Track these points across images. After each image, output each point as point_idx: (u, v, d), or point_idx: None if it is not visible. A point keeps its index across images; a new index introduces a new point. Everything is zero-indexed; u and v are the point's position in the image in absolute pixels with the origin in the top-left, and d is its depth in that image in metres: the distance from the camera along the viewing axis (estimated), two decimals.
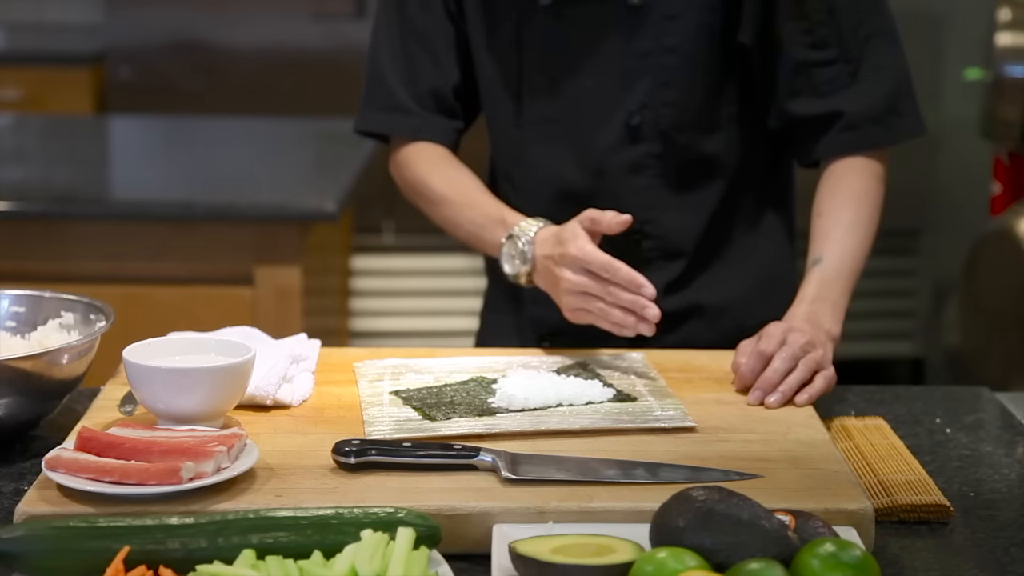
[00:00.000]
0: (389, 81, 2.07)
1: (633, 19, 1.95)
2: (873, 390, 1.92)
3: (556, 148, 2.02)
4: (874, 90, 1.96)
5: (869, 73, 1.96)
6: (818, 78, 1.95)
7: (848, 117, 1.95)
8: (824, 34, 1.95)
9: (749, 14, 1.95)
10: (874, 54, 1.96)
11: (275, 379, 1.69)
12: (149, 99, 4.61)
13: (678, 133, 1.99)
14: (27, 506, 1.43)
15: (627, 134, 1.99)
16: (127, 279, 3.07)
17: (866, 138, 1.96)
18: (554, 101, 2.00)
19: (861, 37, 1.96)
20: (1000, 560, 1.44)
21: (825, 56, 1.95)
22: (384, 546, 1.31)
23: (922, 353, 4.81)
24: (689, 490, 1.33)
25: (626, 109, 1.98)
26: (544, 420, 1.64)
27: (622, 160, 2.00)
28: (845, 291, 1.90)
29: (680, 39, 1.95)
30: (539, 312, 2.04)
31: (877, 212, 1.96)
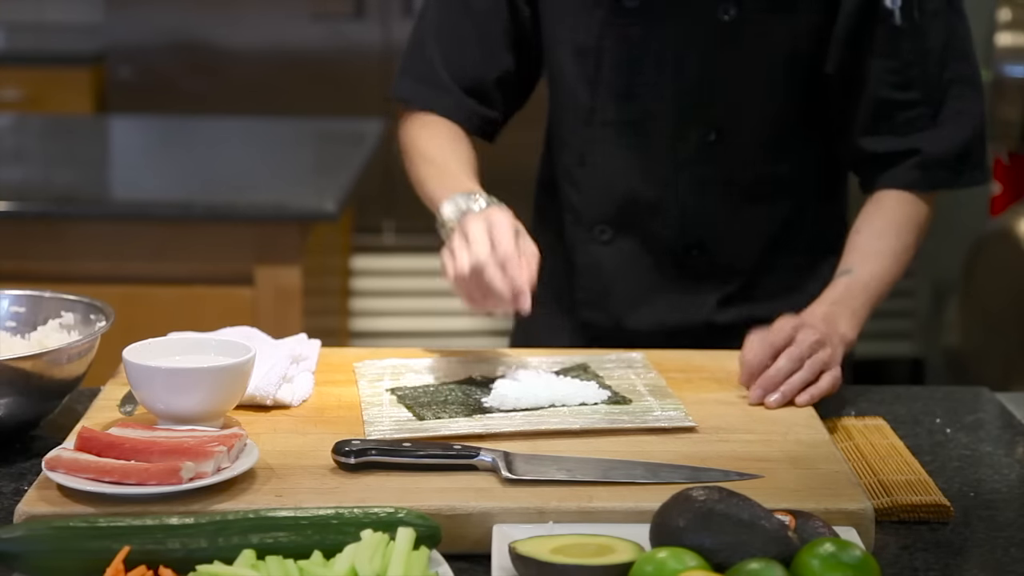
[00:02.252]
0: (431, 55, 2.04)
1: (722, 35, 1.93)
2: (873, 390, 1.92)
3: (626, 152, 1.99)
4: (952, 135, 1.95)
5: (949, 117, 1.94)
6: (899, 118, 1.94)
7: (923, 156, 1.94)
8: (911, 76, 1.93)
9: (836, 45, 1.93)
10: (956, 99, 1.95)
11: (275, 379, 1.69)
12: (149, 99, 4.61)
13: (751, 155, 1.98)
14: (27, 506, 1.43)
15: (701, 150, 1.97)
16: (127, 279, 3.07)
17: (933, 179, 1.96)
18: (631, 105, 1.98)
19: (945, 81, 1.94)
20: (1000, 560, 1.44)
21: (909, 97, 1.94)
22: (384, 546, 1.31)
23: (922, 353, 4.81)
24: (689, 490, 1.33)
25: (703, 125, 1.96)
26: (544, 420, 1.64)
27: (691, 175, 1.98)
28: (868, 303, 1.89)
29: (766, 62, 1.94)
30: (585, 315, 2.04)
31: (912, 248, 1.95)
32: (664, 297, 2.03)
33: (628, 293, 2.03)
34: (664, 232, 2.01)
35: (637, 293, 2.03)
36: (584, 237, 2.05)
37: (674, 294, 2.02)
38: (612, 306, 2.03)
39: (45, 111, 4.54)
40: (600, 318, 2.03)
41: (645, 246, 2.02)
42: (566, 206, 2.07)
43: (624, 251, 2.03)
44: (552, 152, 2.11)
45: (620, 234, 2.02)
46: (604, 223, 2.01)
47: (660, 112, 1.97)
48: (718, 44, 1.93)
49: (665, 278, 2.03)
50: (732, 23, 1.92)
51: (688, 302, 2.00)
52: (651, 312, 2.02)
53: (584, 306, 2.05)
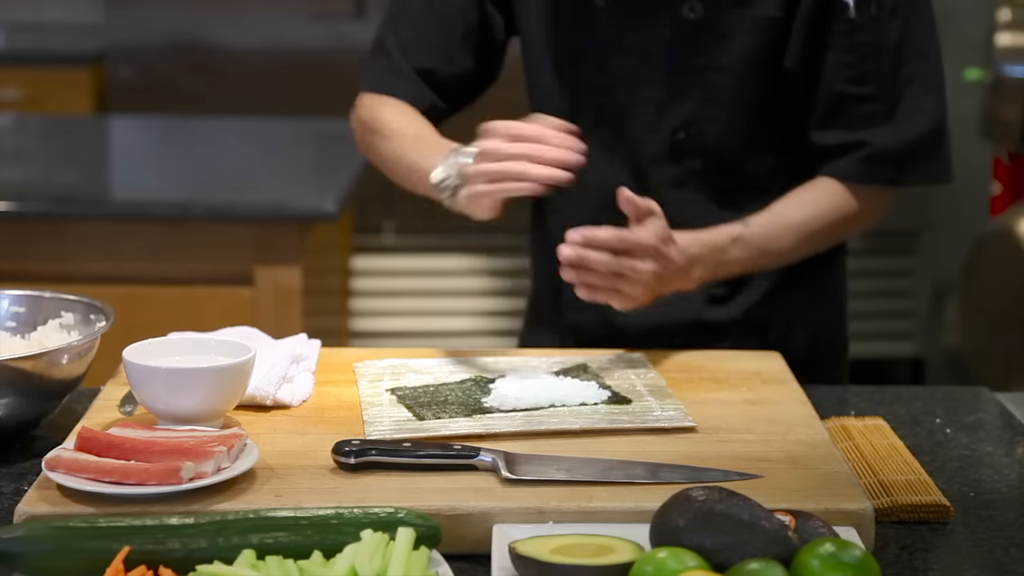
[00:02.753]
0: (393, 47, 2.07)
1: (688, 34, 1.93)
2: (873, 390, 1.92)
3: (606, 153, 2.00)
4: (902, 132, 1.94)
5: (904, 115, 1.94)
6: (853, 112, 1.94)
7: (868, 150, 1.93)
8: (867, 70, 1.93)
9: (796, 38, 1.93)
10: (913, 97, 1.95)
11: (275, 379, 1.69)
12: (149, 99, 4.61)
13: (722, 152, 1.98)
14: (27, 506, 1.43)
15: (671, 148, 1.98)
16: (127, 279, 3.07)
17: (874, 174, 1.95)
18: (604, 106, 1.99)
19: (903, 78, 1.94)
20: (1000, 560, 1.44)
21: (863, 92, 1.93)
22: (384, 546, 1.31)
23: (922, 353, 4.81)
24: (689, 490, 1.33)
25: (673, 123, 1.97)
26: (544, 420, 1.64)
27: (666, 173, 1.99)
28: (742, 262, 1.90)
29: (733, 59, 1.94)
30: (576, 318, 2.04)
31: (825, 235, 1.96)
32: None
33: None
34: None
35: None
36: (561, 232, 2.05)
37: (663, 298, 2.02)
38: (601, 307, 2.03)
39: (45, 111, 4.53)
40: (589, 319, 2.03)
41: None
42: (552, 207, 2.09)
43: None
44: None
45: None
46: (588, 223, 2.01)
47: (632, 111, 1.99)
48: (685, 42, 1.94)
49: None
50: (698, 21, 1.93)
51: (675, 300, 2.00)
52: (639, 313, 2.02)
53: (573, 307, 2.05)
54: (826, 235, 1.98)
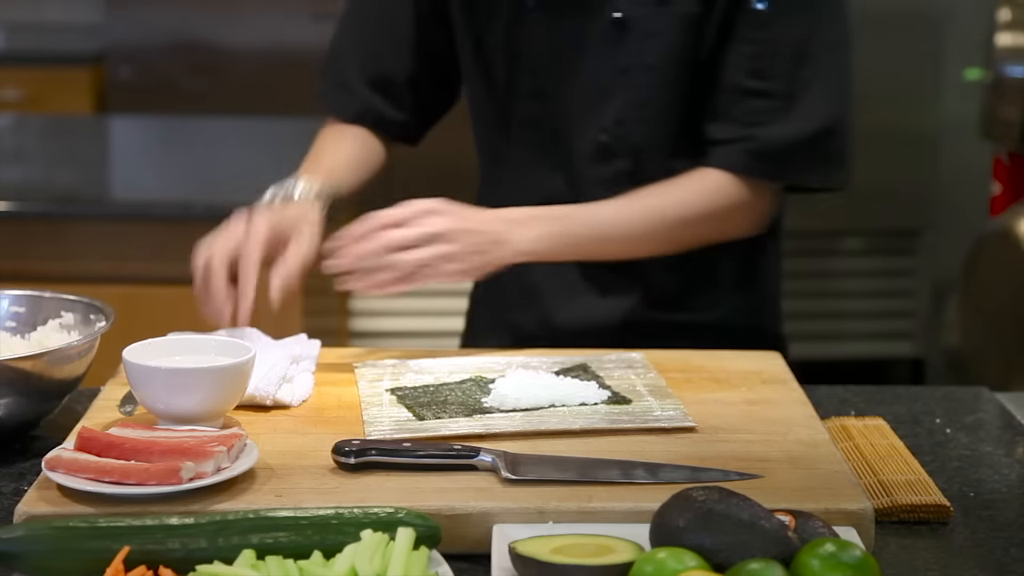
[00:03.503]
0: (345, 57, 2.11)
1: (615, 34, 1.94)
2: (873, 390, 1.92)
3: (537, 153, 2.02)
4: (790, 130, 1.91)
5: (798, 116, 1.91)
6: (747, 107, 1.92)
7: (755, 142, 1.91)
8: (767, 65, 1.91)
9: (710, 32, 1.92)
10: (810, 97, 1.91)
11: (275, 379, 1.69)
12: (149, 99, 4.61)
13: (650, 152, 1.98)
14: (27, 506, 1.43)
15: (601, 149, 1.98)
16: (127, 279, 3.07)
17: (762, 168, 1.92)
18: (540, 107, 2.00)
19: (803, 78, 1.91)
20: (1000, 560, 1.44)
21: (761, 87, 1.91)
22: (384, 546, 1.31)
23: (922, 353, 4.81)
24: (689, 490, 1.33)
25: (602, 124, 1.97)
26: (544, 420, 1.64)
27: (596, 174, 1.99)
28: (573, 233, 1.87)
29: (659, 58, 1.94)
30: (515, 317, 2.05)
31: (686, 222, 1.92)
32: (587, 296, 2.02)
33: (553, 293, 2.03)
34: None
35: (562, 292, 2.03)
36: None
37: (596, 292, 2.02)
38: (538, 306, 2.04)
39: (45, 111, 4.53)
40: (527, 318, 2.04)
41: None
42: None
43: None
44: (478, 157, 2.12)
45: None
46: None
47: (563, 112, 1.99)
48: (610, 42, 1.94)
49: (587, 277, 2.02)
50: (623, 21, 1.93)
51: (610, 300, 2.00)
52: (575, 311, 2.02)
53: (512, 307, 2.06)
54: (698, 225, 1.93)
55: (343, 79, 2.11)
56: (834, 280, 4.75)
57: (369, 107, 2.09)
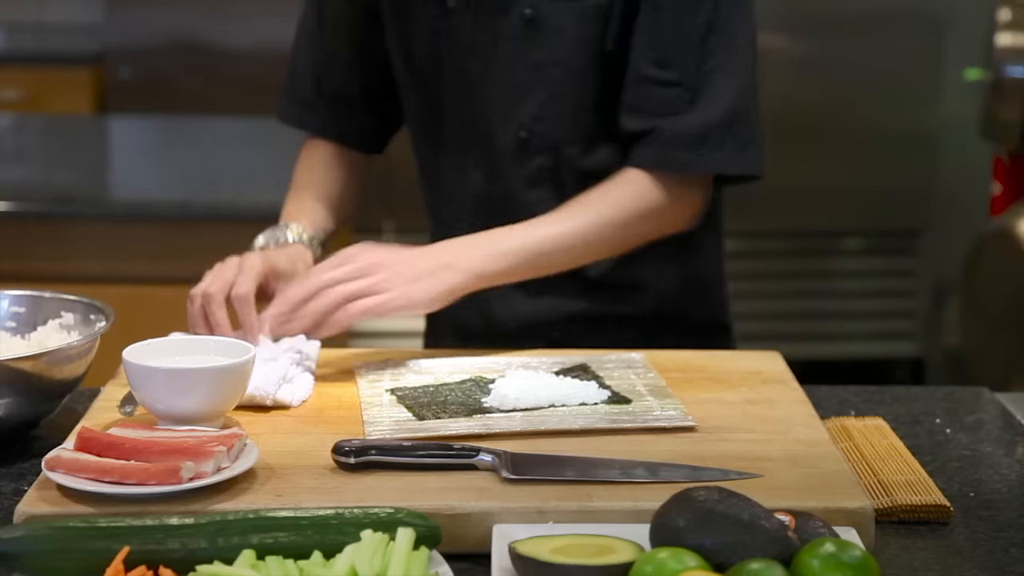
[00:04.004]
0: (301, 74, 2.14)
1: (527, 32, 1.95)
2: (873, 390, 1.92)
3: (465, 152, 2.03)
4: (699, 117, 1.91)
5: (704, 104, 1.91)
6: (655, 97, 1.92)
7: (661, 134, 1.91)
8: (671, 55, 1.91)
9: (614, 21, 1.93)
10: (714, 86, 1.92)
11: (275, 379, 1.69)
12: (149, 99, 4.61)
13: (569, 146, 1.98)
14: (27, 506, 1.43)
15: (519, 147, 1.99)
16: (127, 279, 3.07)
17: (672, 159, 1.92)
18: (466, 107, 2.01)
19: (707, 67, 1.91)
20: (1000, 560, 1.44)
21: (667, 77, 1.92)
22: (384, 546, 1.31)
23: (922, 353, 4.82)
24: (689, 490, 1.33)
25: (519, 121, 1.98)
26: (544, 420, 1.64)
27: (519, 172, 2.00)
28: (518, 247, 1.87)
29: (568, 53, 1.95)
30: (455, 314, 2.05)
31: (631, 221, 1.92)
32: (525, 293, 2.02)
33: (492, 291, 2.03)
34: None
35: (501, 291, 2.03)
36: (446, 236, 2.06)
37: (534, 289, 2.02)
38: (479, 304, 2.04)
39: (45, 111, 4.53)
40: (467, 314, 2.04)
41: None
42: (427, 208, 2.12)
43: None
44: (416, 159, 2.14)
45: (477, 230, 2.03)
46: (464, 222, 2.03)
47: (485, 112, 2.00)
48: (524, 39, 1.95)
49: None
50: (535, 17, 1.94)
51: (549, 296, 2.00)
52: (514, 308, 2.03)
53: (457, 307, 2.06)
54: (634, 226, 1.93)
55: (301, 96, 2.15)
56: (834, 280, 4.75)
57: (329, 121, 2.13)
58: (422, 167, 2.13)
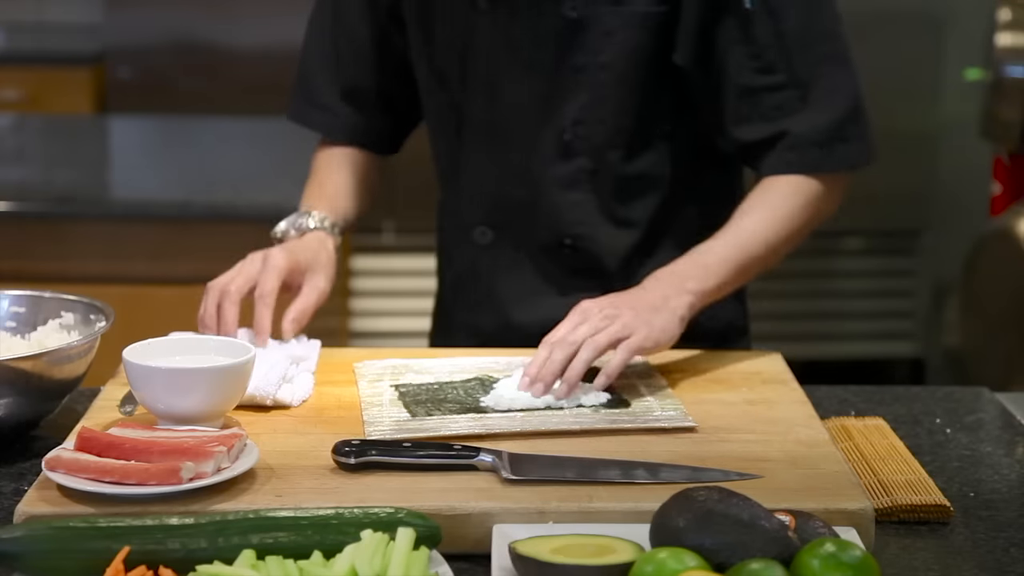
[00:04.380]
0: (314, 74, 2.11)
1: (569, 33, 1.93)
2: (873, 390, 1.92)
3: (495, 156, 2.01)
4: (822, 114, 1.91)
5: (819, 97, 1.91)
6: (766, 104, 1.91)
7: (792, 138, 1.91)
8: (772, 59, 1.90)
9: (685, 36, 1.91)
10: (825, 78, 1.91)
11: (275, 379, 1.69)
12: (149, 99, 4.60)
13: (611, 150, 1.97)
14: (27, 506, 1.43)
15: (560, 148, 1.97)
16: (127, 279, 3.07)
17: (806, 161, 1.91)
18: (494, 109, 1.99)
19: (811, 61, 1.91)
20: (1000, 560, 1.44)
21: (773, 81, 1.91)
22: (384, 546, 1.31)
23: (922, 353, 4.82)
24: (689, 490, 1.33)
25: (560, 124, 1.96)
26: (544, 420, 1.64)
27: (555, 174, 1.98)
28: (727, 262, 1.85)
29: (614, 56, 1.93)
30: (474, 318, 2.05)
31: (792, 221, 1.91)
32: (547, 295, 2.02)
33: (512, 293, 2.03)
34: (540, 231, 2.01)
35: (521, 293, 2.02)
36: (465, 240, 2.05)
37: (555, 292, 2.01)
38: (497, 307, 2.04)
39: (45, 111, 4.53)
40: (487, 319, 2.04)
41: (524, 245, 2.02)
42: (447, 211, 2.10)
43: (504, 252, 2.03)
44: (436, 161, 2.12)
45: (500, 235, 2.03)
46: (483, 225, 2.02)
47: (519, 112, 1.98)
48: (567, 41, 1.93)
49: (546, 276, 2.02)
50: (579, 19, 1.92)
51: (571, 300, 2.00)
52: (535, 312, 2.02)
53: (472, 308, 2.06)
54: (796, 230, 1.93)
55: (313, 96, 2.12)
56: (834, 280, 4.75)
57: (343, 121, 2.11)
58: (439, 169, 2.11)
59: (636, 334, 1.74)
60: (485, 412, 1.67)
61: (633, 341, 1.73)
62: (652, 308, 1.77)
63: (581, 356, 1.71)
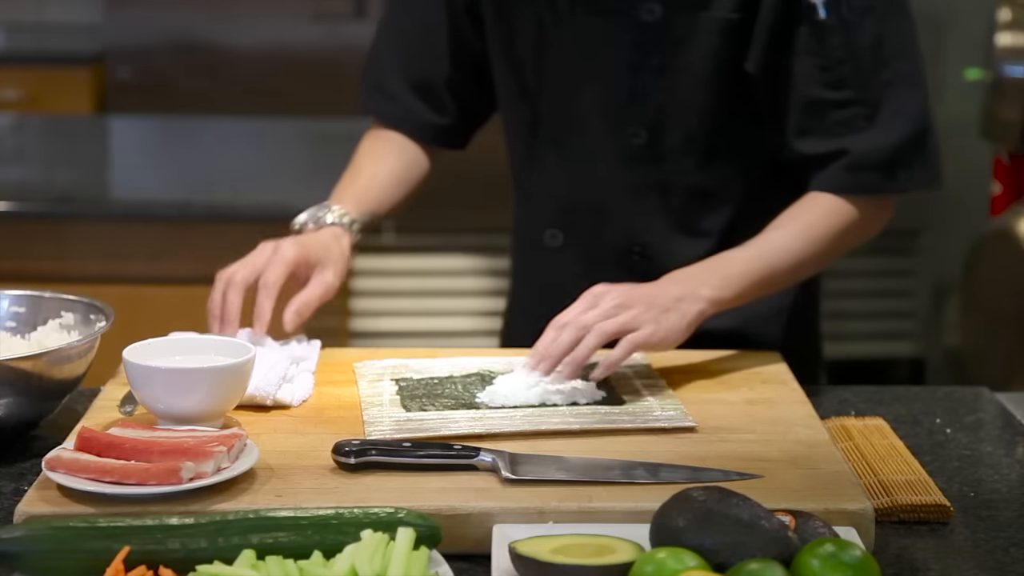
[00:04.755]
0: (383, 62, 2.10)
1: (645, 36, 1.91)
2: (873, 390, 1.92)
3: (566, 157, 1.99)
4: (884, 136, 1.88)
5: (887, 118, 1.87)
6: (832, 118, 1.88)
7: (852, 157, 1.87)
8: (842, 74, 1.87)
9: (758, 43, 1.89)
10: (895, 99, 1.87)
11: (275, 379, 1.69)
12: (149, 99, 4.61)
13: (684, 158, 1.95)
14: (27, 506, 1.43)
15: (632, 153, 1.95)
16: (127, 279, 3.07)
17: (865, 182, 1.88)
18: (570, 111, 1.98)
19: (883, 80, 1.87)
20: (1000, 560, 1.44)
21: (841, 96, 1.87)
22: (384, 546, 1.31)
23: (922, 353, 4.82)
24: (689, 490, 1.33)
25: (633, 128, 1.95)
26: (544, 420, 1.64)
27: (626, 179, 1.97)
28: (747, 273, 1.83)
29: (691, 62, 1.91)
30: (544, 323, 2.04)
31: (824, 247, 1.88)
32: None
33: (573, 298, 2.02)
34: (610, 236, 2.00)
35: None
36: (537, 242, 2.05)
37: None
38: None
39: (45, 111, 4.53)
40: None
41: (594, 251, 2.01)
42: (521, 214, 2.09)
43: (575, 255, 2.02)
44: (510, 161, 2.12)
45: (570, 240, 2.02)
46: (554, 227, 2.02)
47: (593, 115, 1.97)
48: (643, 45, 1.92)
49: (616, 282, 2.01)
50: (655, 24, 1.91)
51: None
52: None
53: (545, 311, 2.05)
54: (828, 251, 1.90)
55: (382, 84, 2.10)
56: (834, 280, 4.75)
57: (410, 112, 2.09)
58: (514, 169, 2.10)
59: (642, 329, 1.73)
60: (479, 408, 1.67)
61: (639, 336, 1.73)
62: (663, 307, 1.76)
63: (588, 340, 1.70)
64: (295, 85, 4.62)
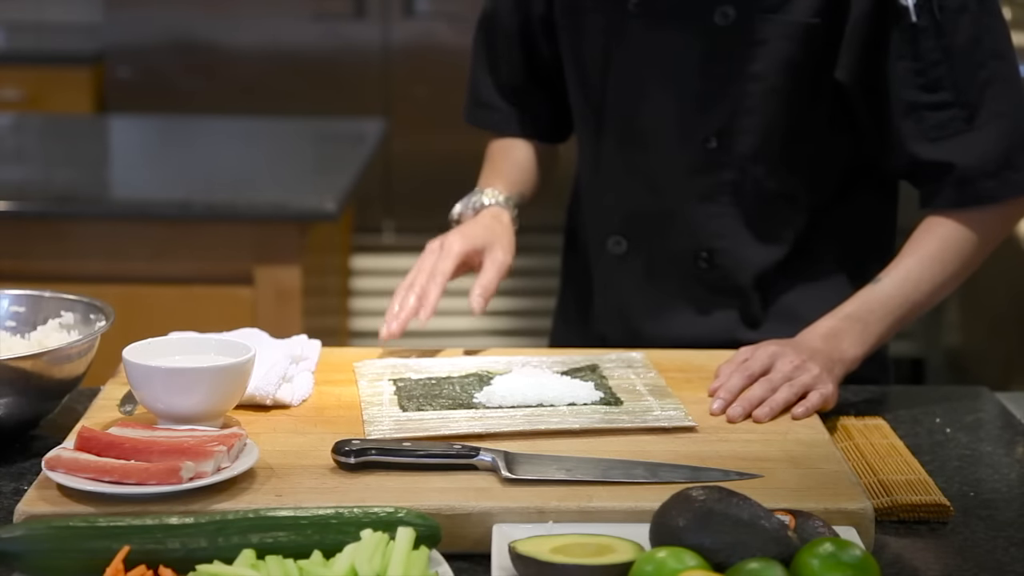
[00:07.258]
0: (477, 74, 2.15)
1: (718, 40, 1.89)
2: (873, 390, 1.92)
3: (634, 165, 1.98)
4: (990, 140, 1.84)
5: (987, 121, 1.84)
6: (930, 122, 1.85)
7: (961, 170, 1.84)
8: (938, 76, 1.84)
9: (849, 51, 1.86)
10: (993, 100, 1.84)
11: (275, 379, 1.69)
12: (149, 99, 4.61)
13: (756, 163, 1.92)
14: (27, 506, 1.43)
15: (703, 158, 1.93)
16: (127, 279, 3.07)
17: (978, 193, 1.85)
18: (636, 116, 1.96)
19: (980, 82, 1.84)
20: (1000, 560, 1.44)
21: (939, 99, 1.84)
22: (384, 546, 1.31)
23: (922, 353, 4.82)
24: (689, 490, 1.33)
25: (704, 133, 1.92)
26: (544, 420, 1.64)
27: (696, 185, 1.95)
28: (885, 320, 1.85)
29: (766, 67, 1.88)
30: (602, 328, 2.04)
31: (954, 277, 1.88)
32: (681, 311, 1.99)
33: (644, 306, 2.00)
34: (675, 243, 1.98)
35: (653, 306, 2.00)
36: (599, 249, 2.04)
37: (690, 308, 1.99)
38: (628, 319, 2.02)
39: (45, 111, 4.54)
40: (616, 331, 2.01)
41: (659, 258, 1.99)
42: (585, 219, 2.08)
43: (639, 263, 2.00)
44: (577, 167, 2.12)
45: (634, 245, 2.00)
46: (618, 234, 2.01)
47: (662, 119, 1.95)
48: (715, 48, 1.90)
49: (680, 291, 1.99)
50: (728, 27, 1.88)
51: (705, 317, 1.97)
52: (668, 326, 1.99)
53: (600, 319, 2.04)
54: (961, 272, 1.90)
55: (479, 96, 2.15)
56: None
57: (504, 116, 2.13)
58: (579, 171, 2.10)
59: (821, 390, 1.72)
60: (476, 408, 1.67)
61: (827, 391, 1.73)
62: (828, 370, 1.76)
63: (779, 397, 1.69)
64: (295, 85, 4.62)
